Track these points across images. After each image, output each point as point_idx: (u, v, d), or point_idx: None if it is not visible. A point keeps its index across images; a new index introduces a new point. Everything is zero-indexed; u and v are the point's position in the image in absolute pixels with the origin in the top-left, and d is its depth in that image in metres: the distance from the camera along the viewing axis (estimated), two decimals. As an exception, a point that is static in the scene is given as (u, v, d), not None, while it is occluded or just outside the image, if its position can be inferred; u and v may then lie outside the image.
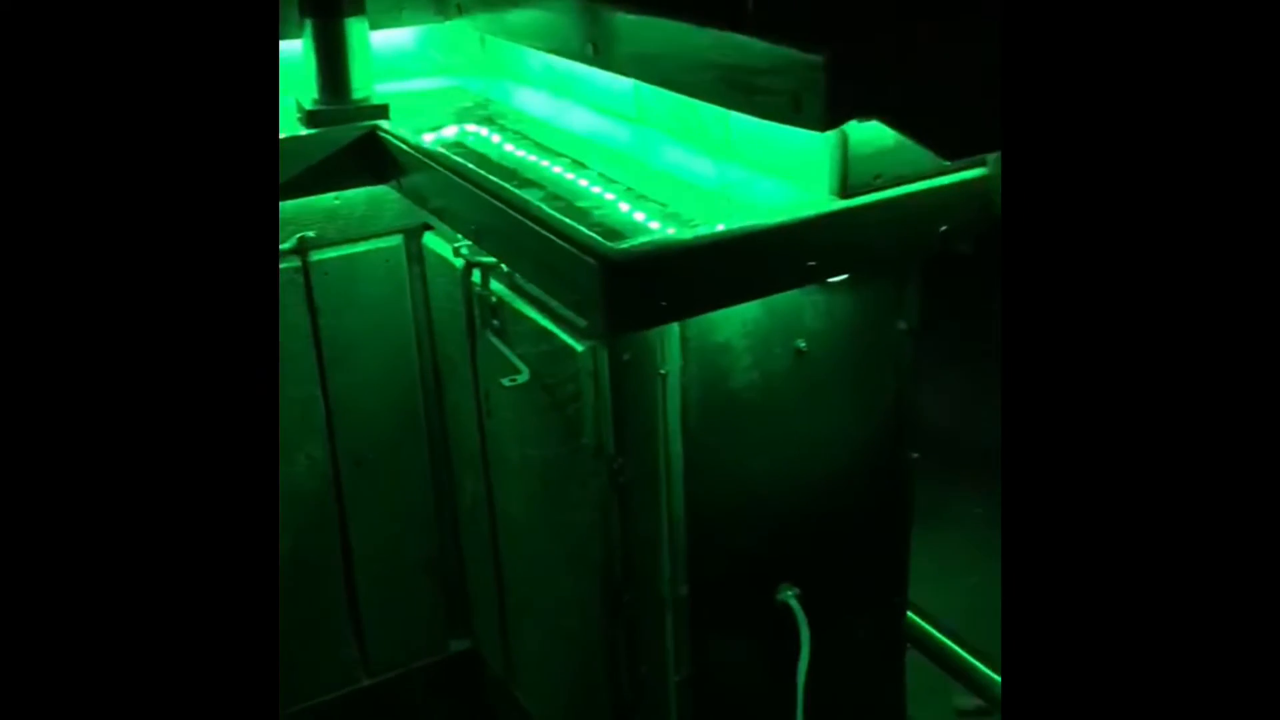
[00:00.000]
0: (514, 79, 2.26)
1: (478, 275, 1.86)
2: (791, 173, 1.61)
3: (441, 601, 2.38)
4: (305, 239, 2.03)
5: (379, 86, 2.08)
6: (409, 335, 2.17)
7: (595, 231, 1.53)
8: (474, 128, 2.11)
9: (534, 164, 1.93)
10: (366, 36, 2.00)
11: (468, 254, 1.85)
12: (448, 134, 2.09)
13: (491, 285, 1.84)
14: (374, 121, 1.98)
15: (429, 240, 2.08)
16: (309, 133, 1.96)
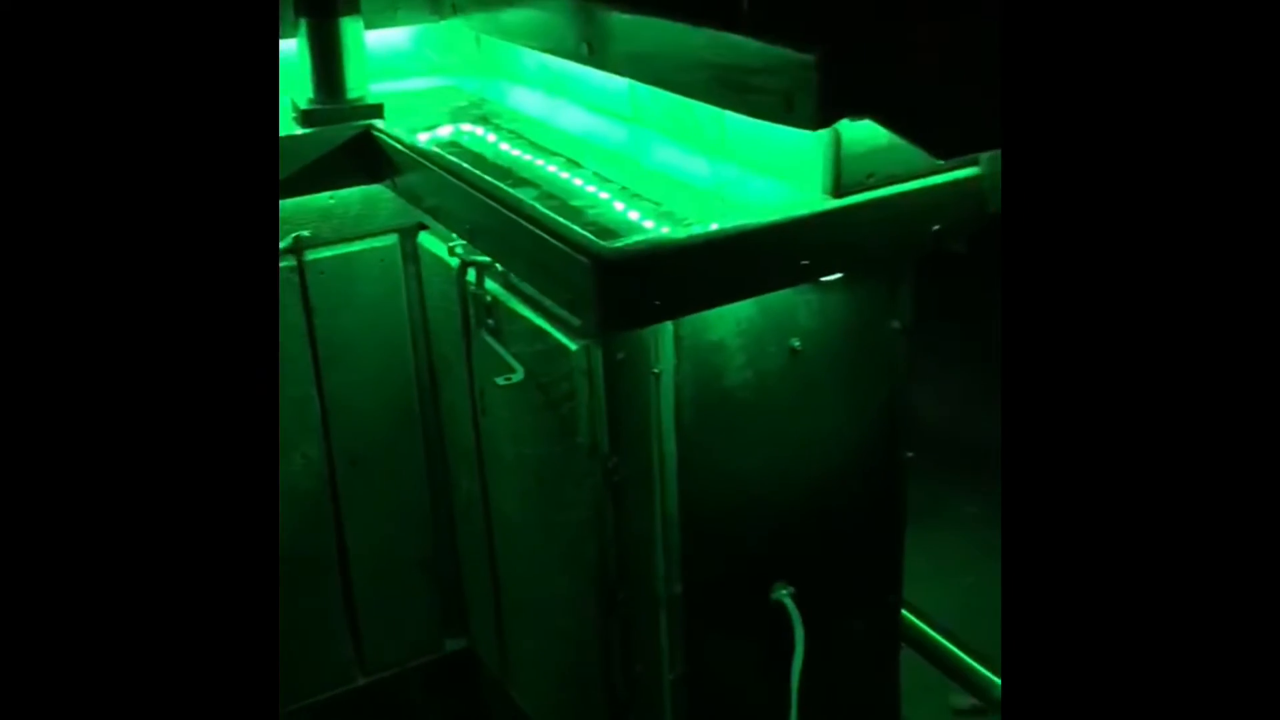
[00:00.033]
0: (509, 78, 2.26)
1: (473, 274, 1.85)
2: (785, 172, 1.61)
3: (437, 600, 2.38)
4: (300, 238, 2.03)
5: (374, 86, 2.08)
6: (404, 334, 2.17)
7: (589, 230, 1.53)
8: (469, 127, 2.12)
9: (529, 163, 1.93)
10: (361, 36, 2.00)
11: (463, 253, 1.85)
12: (443, 133, 2.09)
13: (486, 284, 1.84)
14: (369, 121, 1.98)
15: (424, 239, 2.08)
16: (304, 132, 1.96)
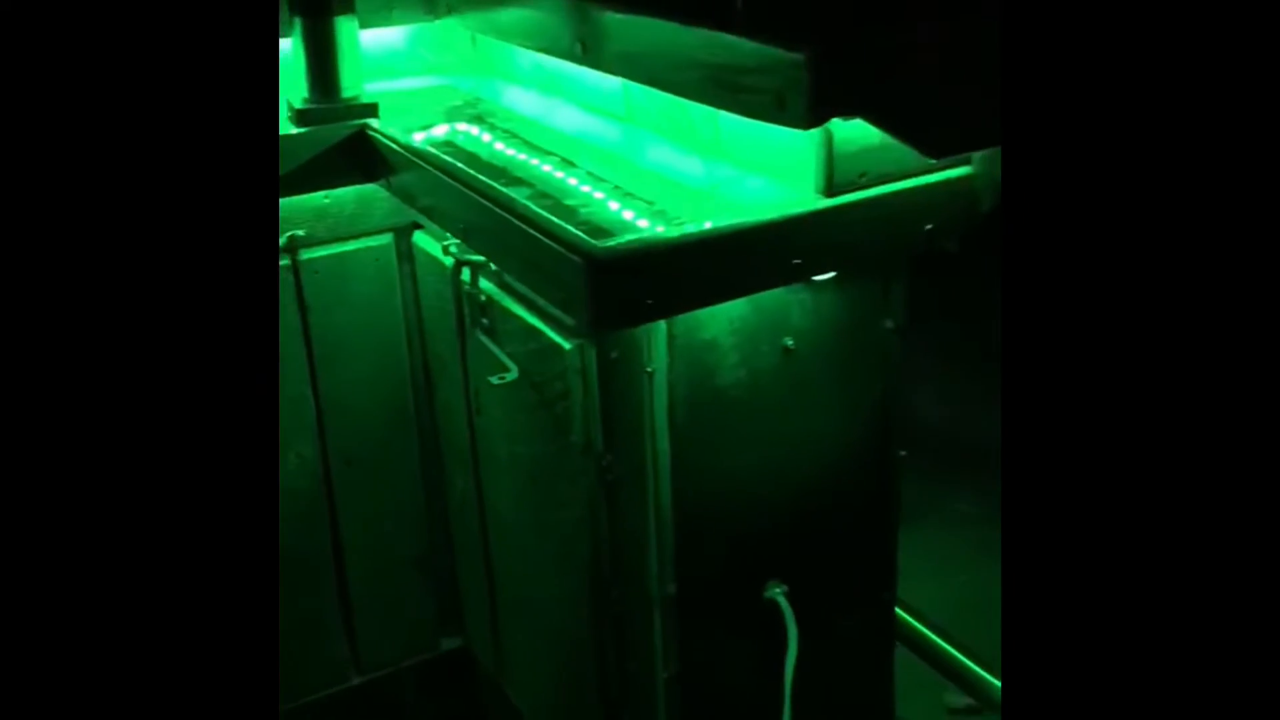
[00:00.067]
0: (504, 78, 2.26)
1: (467, 274, 1.86)
2: (778, 171, 1.61)
3: (432, 599, 2.38)
4: (295, 237, 2.03)
5: (370, 85, 2.08)
6: (399, 334, 2.18)
7: (582, 229, 1.54)
8: (464, 126, 2.12)
9: (523, 162, 1.93)
10: (356, 35, 2.00)
11: (457, 252, 1.86)
12: (438, 133, 2.09)
13: (481, 284, 1.84)
14: (363, 120, 1.99)
15: (419, 239, 2.08)
16: (298, 131, 1.96)
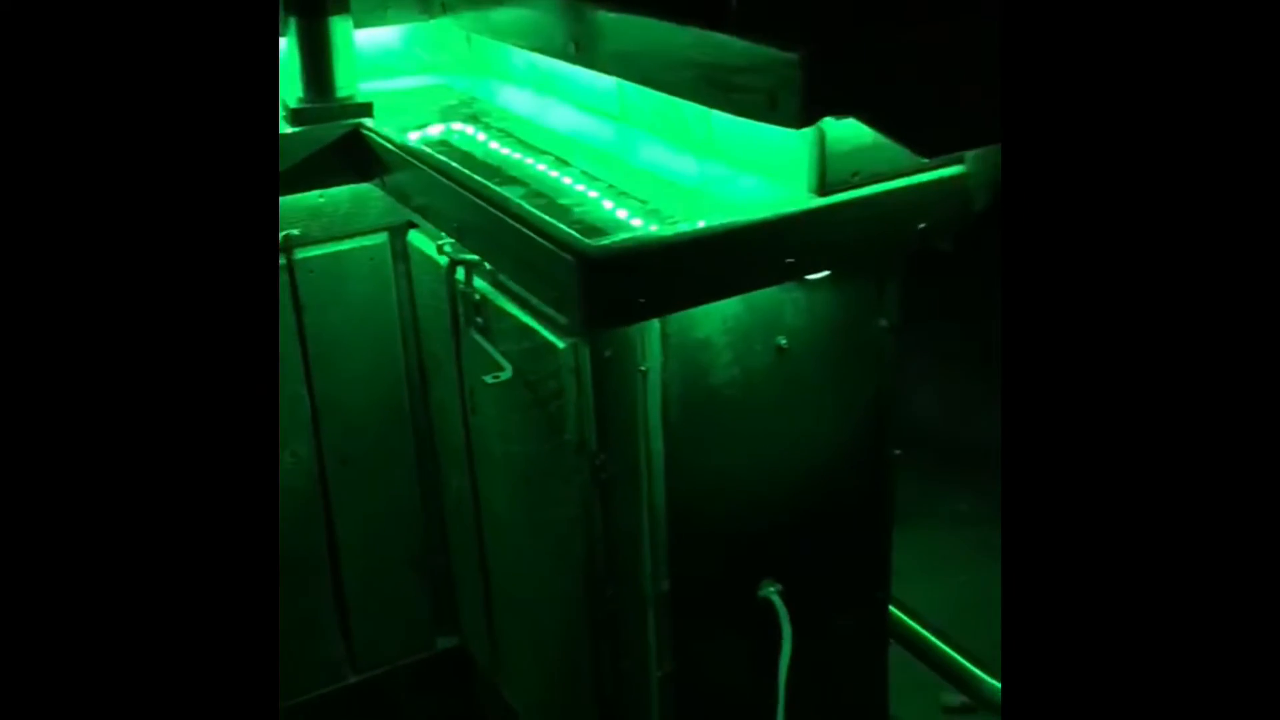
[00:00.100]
0: (499, 77, 2.26)
1: (461, 273, 1.86)
2: (771, 170, 1.61)
3: (428, 598, 2.38)
4: (290, 237, 2.04)
5: (365, 85, 2.09)
6: (394, 333, 2.18)
7: (575, 228, 1.54)
8: (459, 126, 2.12)
9: (518, 161, 1.93)
10: (350, 35, 2.01)
11: (451, 251, 1.86)
12: (433, 132, 2.10)
13: (475, 283, 1.84)
14: (358, 120, 1.99)
15: (414, 238, 2.08)
16: (293, 131, 1.97)
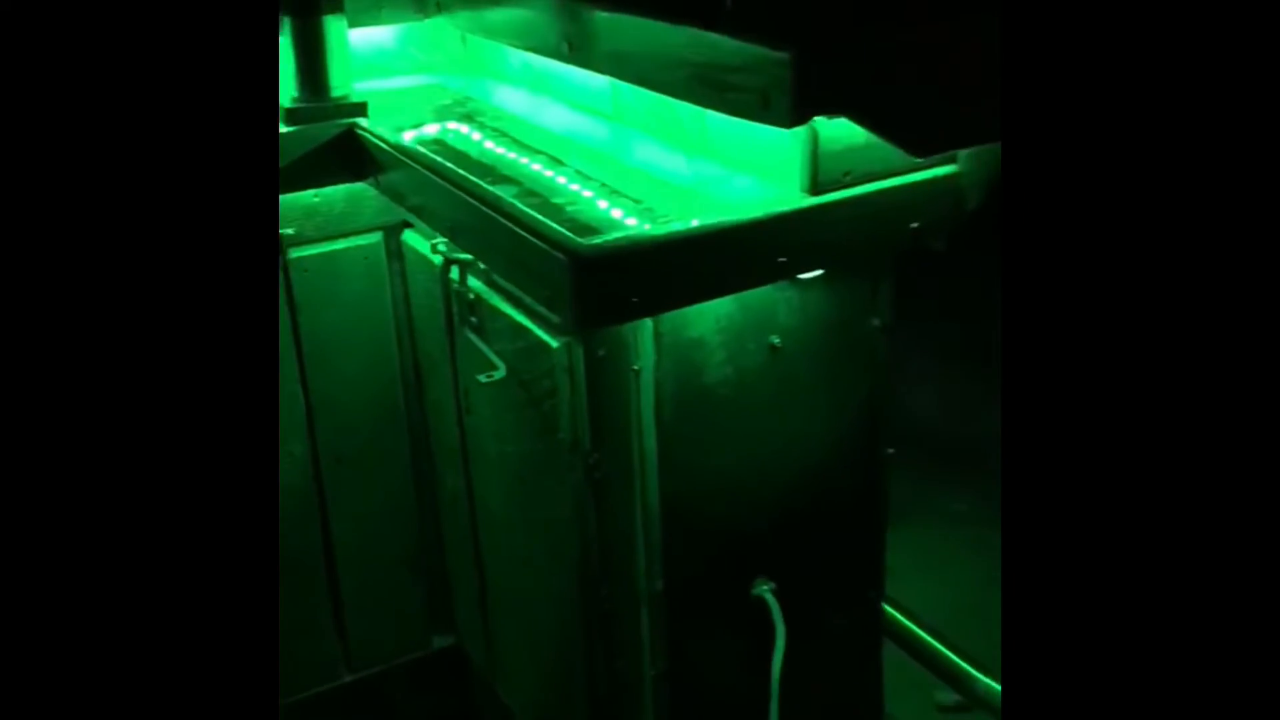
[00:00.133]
0: (494, 77, 2.27)
1: (456, 272, 1.86)
2: (764, 169, 1.62)
3: (423, 597, 2.38)
4: (285, 236, 2.04)
5: (360, 84, 2.09)
6: (389, 332, 2.18)
7: (568, 228, 1.54)
8: (454, 125, 2.12)
9: (512, 161, 1.93)
10: (345, 34, 2.01)
11: (445, 251, 1.86)
12: (429, 131, 2.10)
13: (469, 282, 1.84)
14: (352, 119, 1.99)
15: (408, 237, 2.08)
16: (288, 130, 1.97)
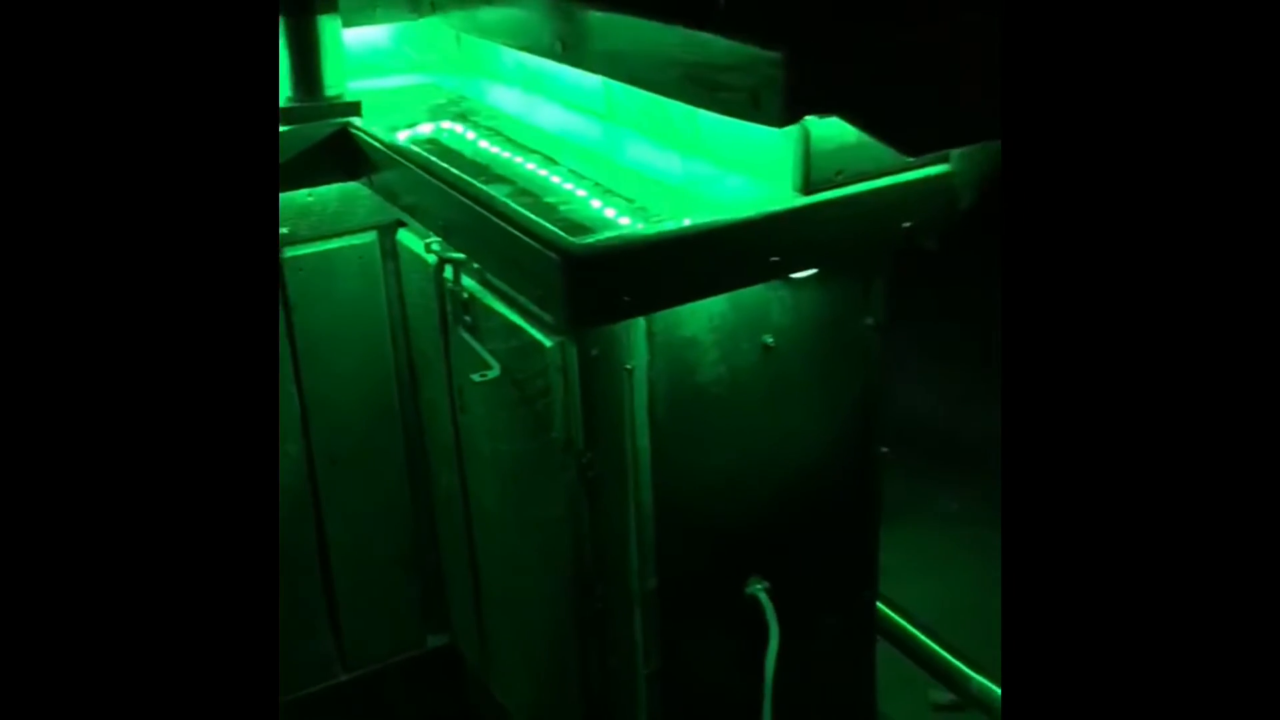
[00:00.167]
0: (488, 76, 2.27)
1: (450, 271, 1.86)
2: (757, 169, 1.62)
3: (418, 596, 2.38)
4: (279, 235, 2.04)
5: (355, 83, 2.09)
6: (383, 331, 2.18)
7: (561, 227, 1.55)
8: (448, 124, 2.12)
9: (506, 160, 1.93)
10: (339, 34, 2.01)
11: (439, 250, 1.86)
12: (423, 130, 2.10)
13: (463, 281, 1.84)
14: (346, 118, 1.99)
15: (403, 236, 2.09)
16: (282, 129, 1.96)
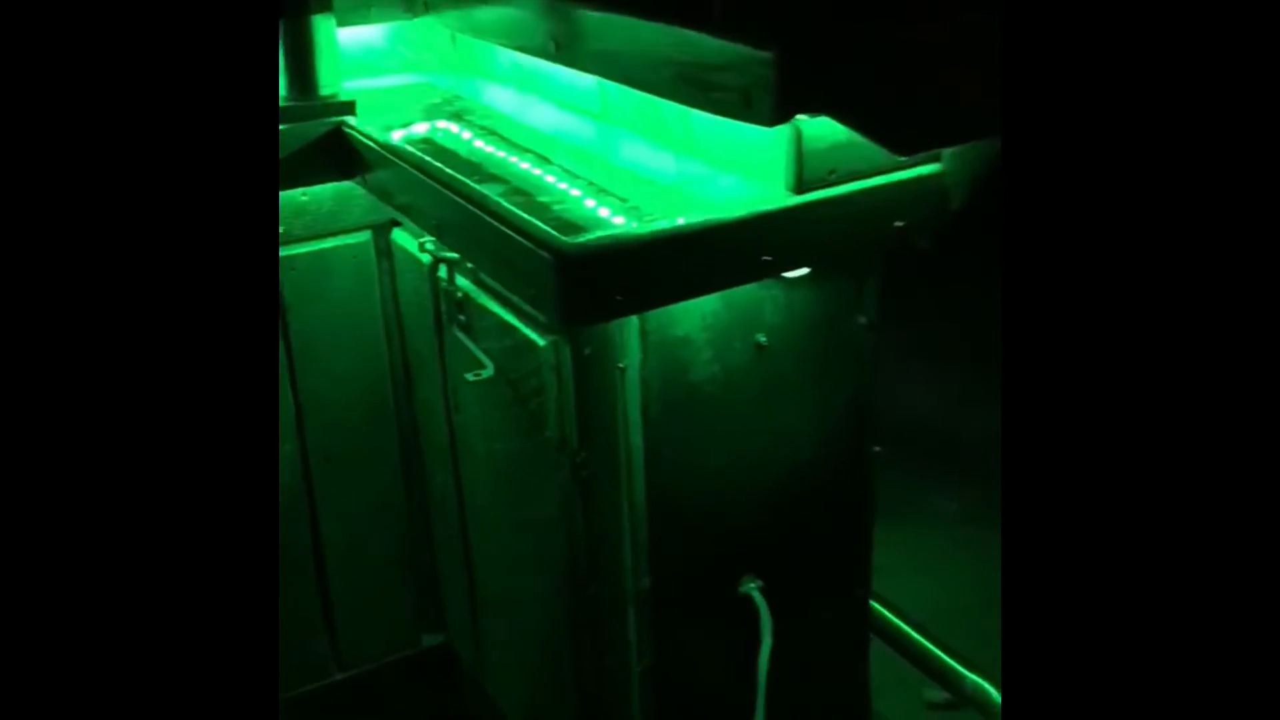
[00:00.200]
0: (483, 75, 2.27)
1: (444, 270, 1.86)
2: (750, 168, 1.62)
3: (413, 596, 2.39)
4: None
5: (349, 83, 2.09)
6: (378, 331, 2.18)
7: (554, 226, 1.55)
8: (443, 124, 2.13)
9: (500, 159, 1.94)
10: (333, 33, 2.01)
11: (433, 249, 1.86)
12: (417, 130, 2.10)
13: (457, 280, 1.85)
14: (341, 118, 1.99)
15: (397, 236, 2.09)
16: (277, 128, 1.97)
